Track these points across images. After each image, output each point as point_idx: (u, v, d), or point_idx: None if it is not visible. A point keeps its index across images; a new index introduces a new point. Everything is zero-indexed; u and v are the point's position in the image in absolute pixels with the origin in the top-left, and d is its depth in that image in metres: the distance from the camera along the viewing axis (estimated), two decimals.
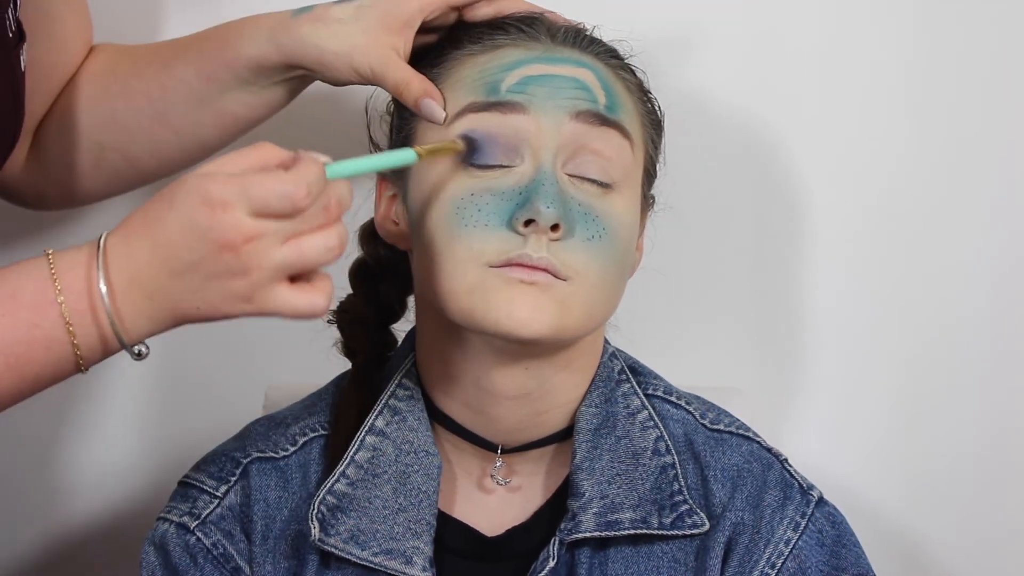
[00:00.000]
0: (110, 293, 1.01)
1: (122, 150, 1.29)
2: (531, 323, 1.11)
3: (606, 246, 1.14)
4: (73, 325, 1.01)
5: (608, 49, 1.21)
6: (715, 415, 1.26)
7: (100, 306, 1.01)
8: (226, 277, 1.01)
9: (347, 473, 1.19)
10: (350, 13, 1.20)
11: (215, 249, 1.00)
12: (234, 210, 0.99)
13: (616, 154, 1.16)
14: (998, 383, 1.59)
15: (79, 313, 1.01)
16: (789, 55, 1.54)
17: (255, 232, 1.00)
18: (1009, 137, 1.55)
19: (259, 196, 0.99)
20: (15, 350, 1.01)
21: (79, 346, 1.02)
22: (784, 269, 1.57)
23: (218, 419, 1.58)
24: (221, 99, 1.26)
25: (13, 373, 1.01)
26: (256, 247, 1.00)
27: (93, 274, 1.01)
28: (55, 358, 1.02)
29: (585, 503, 1.18)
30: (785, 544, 1.19)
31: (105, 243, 1.01)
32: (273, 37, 1.22)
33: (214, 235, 0.99)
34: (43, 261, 1.02)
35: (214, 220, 0.99)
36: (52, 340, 1.01)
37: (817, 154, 1.55)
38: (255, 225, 1.00)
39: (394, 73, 1.17)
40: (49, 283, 1.01)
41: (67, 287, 1.01)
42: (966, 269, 1.57)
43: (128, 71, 1.29)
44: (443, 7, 1.20)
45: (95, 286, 1.01)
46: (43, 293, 1.01)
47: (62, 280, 1.01)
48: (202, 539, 1.20)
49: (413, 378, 1.21)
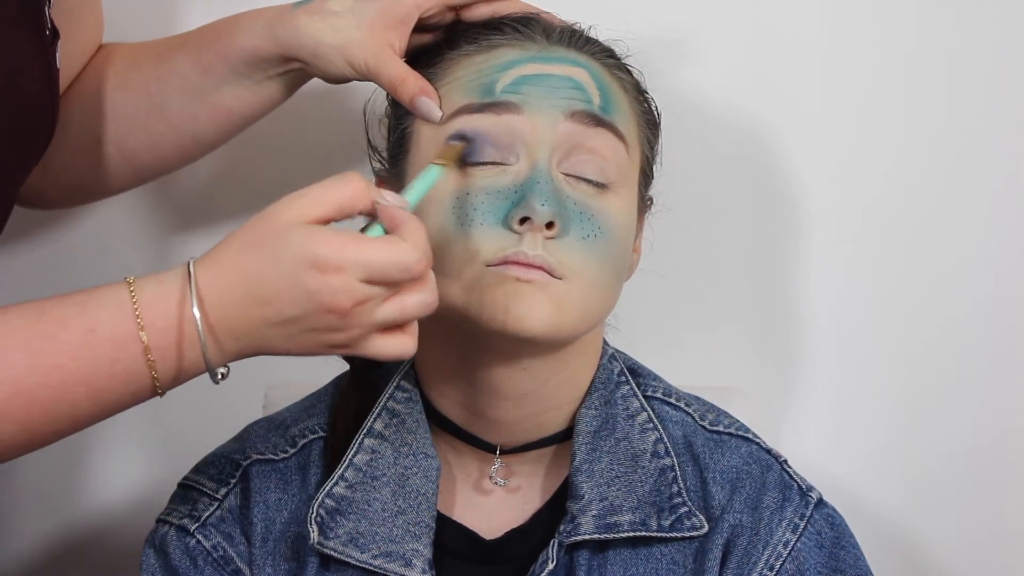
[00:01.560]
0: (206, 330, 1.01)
1: (119, 145, 1.29)
2: (527, 321, 1.11)
3: (602, 245, 1.14)
4: (155, 360, 1.01)
5: (604, 49, 1.21)
6: (714, 416, 1.25)
7: (188, 341, 1.01)
8: (326, 332, 1.02)
9: (346, 476, 1.19)
10: (347, 7, 1.20)
11: (321, 310, 1.01)
12: (346, 275, 1.00)
13: (611, 154, 1.16)
14: (998, 383, 1.58)
15: (162, 349, 1.01)
16: (787, 55, 1.54)
17: (365, 297, 1.01)
18: (1007, 137, 1.55)
19: (378, 267, 1.01)
20: (96, 382, 1.01)
21: (158, 377, 1.02)
22: (783, 269, 1.57)
23: (218, 420, 1.58)
24: (217, 93, 1.26)
25: (92, 403, 1.02)
26: (363, 309, 1.01)
27: (186, 311, 1.01)
28: (134, 388, 1.02)
29: (584, 505, 1.18)
30: (784, 546, 1.19)
31: (196, 277, 1.01)
32: (270, 28, 1.22)
33: (322, 298, 1.00)
34: (123, 290, 1.01)
35: (324, 284, 1.00)
36: (132, 374, 1.01)
37: (816, 154, 1.55)
38: (365, 291, 1.01)
39: (389, 69, 1.17)
40: (131, 317, 1.00)
41: (151, 323, 1.01)
42: (965, 269, 1.57)
43: (127, 65, 1.29)
44: (440, 5, 1.20)
45: (186, 322, 1.01)
46: (124, 328, 1.01)
47: (145, 315, 1.01)
48: (202, 541, 1.20)
49: (411, 380, 1.21)
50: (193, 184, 1.56)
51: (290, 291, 1.01)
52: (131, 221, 1.57)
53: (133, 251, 1.57)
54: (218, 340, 1.02)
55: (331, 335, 1.03)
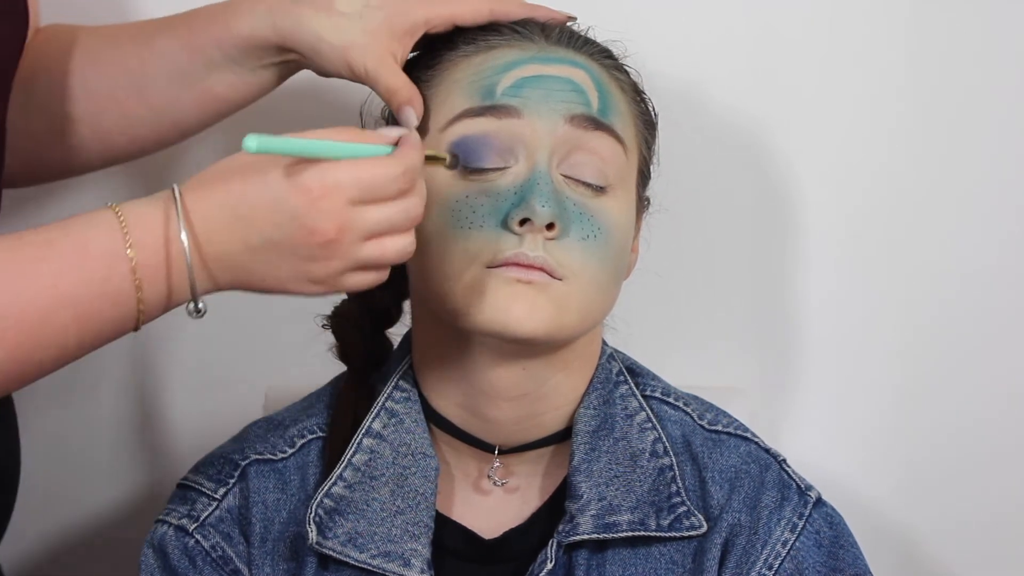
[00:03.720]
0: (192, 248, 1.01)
1: (91, 123, 1.27)
2: (527, 322, 1.11)
3: (601, 245, 1.14)
4: (142, 279, 1.00)
5: (602, 49, 1.21)
6: (713, 416, 1.25)
7: (177, 260, 1.00)
8: (307, 261, 1.02)
9: (344, 476, 1.19)
10: (356, 9, 1.19)
11: (304, 234, 1.01)
12: (333, 198, 1.00)
13: (610, 156, 1.16)
14: (997, 383, 1.59)
15: (150, 268, 1.00)
16: (785, 56, 1.54)
17: (348, 224, 1.01)
18: (1004, 136, 1.55)
19: (365, 180, 1.01)
20: (84, 304, 1.00)
21: (143, 300, 1.01)
22: (781, 269, 1.58)
23: (218, 420, 1.59)
24: (206, 78, 1.24)
25: (80, 327, 1.00)
26: (343, 240, 1.01)
27: (172, 229, 1.00)
28: (119, 313, 1.01)
29: (583, 505, 1.18)
30: (782, 545, 1.19)
31: (183, 198, 1.01)
32: (271, 16, 1.20)
33: (308, 220, 1.00)
34: (109, 213, 1.01)
35: (310, 206, 1.00)
36: (120, 294, 1.00)
37: (813, 154, 1.55)
38: (350, 216, 1.01)
39: (387, 79, 1.17)
40: (119, 236, 1.00)
41: (138, 241, 1.00)
42: (964, 269, 1.57)
43: (104, 42, 1.27)
44: (448, 23, 1.19)
45: (174, 241, 1.00)
46: (113, 245, 1.00)
47: (133, 234, 1.00)
48: (201, 541, 1.20)
49: (410, 380, 1.21)
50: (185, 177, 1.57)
51: (275, 214, 1.00)
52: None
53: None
54: (204, 261, 1.01)
55: (311, 265, 1.02)
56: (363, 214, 1.02)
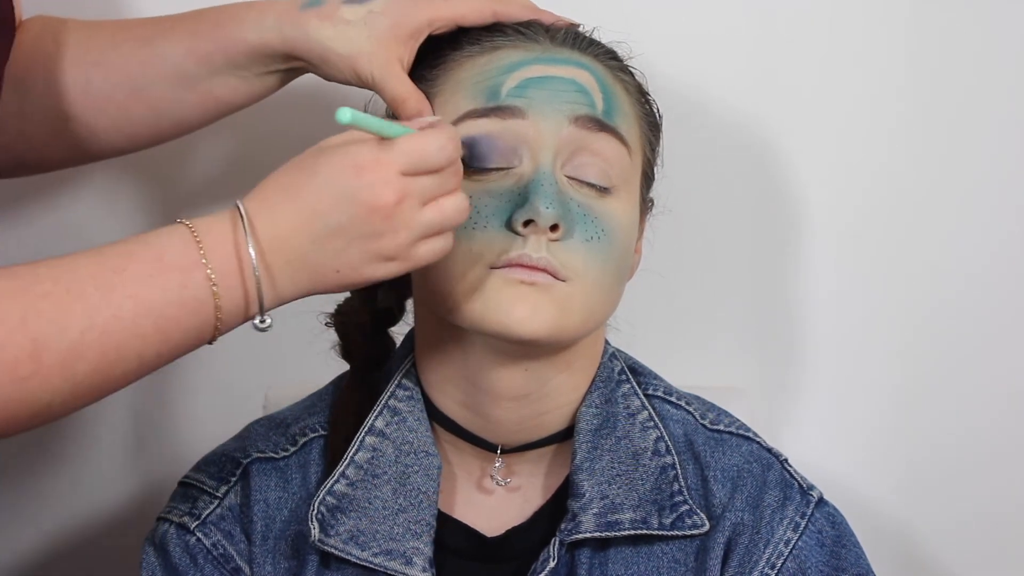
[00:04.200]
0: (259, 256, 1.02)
1: (88, 122, 1.27)
2: (530, 323, 1.11)
3: (605, 247, 1.14)
4: (218, 287, 1.02)
5: (607, 50, 1.21)
6: (715, 415, 1.26)
7: (247, 269, 1.02)
8: (373, 239, 1.04)
9: (347, 474, 1.19)
10: (360, 17, 1.19)
11: (365, 211, 1.03)
12: (385, 169, 1.03)
13: (614, 158, 1.16)
14: (998, 382, 1.59)
15: (226, 275, 1.02)
16: (788, 58, 1.54)
17: (404, 191, 1.03)
18: (1004, 135, 1.55)
19: (415, 152, 1.03)
20: (165, 312, 1.01)
21: (220, 308, 1.02)
22: (783, 270, 1.58)
23: (218, 419, 1.59)
24: (208, 81, 1.24)
25: (161, 336, 1.02)
26: (404, 208, 1.03)
27: (240, 238, 1.02)
28: (198, 322, 1.02)
29: (585, 504, 1.18)
30: (785, 544, 1.19)
31: (246, 209, 1.03)
32: (279, 25, 1.21)
33: (365, 195, 1.02)
34: (182, 227, 1.03)
35: (364, 180, 1.02)
36: (199, 302, 1.02)
37: (815, 156, 1.55)
38: (405, 184, 1.03)
39: (394, 87, 1.17)
40: (193, 247, 1.02)
41: (211, 251, 1.02)
42: (964, 269, 1.57)
43: (104, 44, 1.26)
44: (451, 24, 1.20)
45: (243, 250, 1.02)
46: (188, 256, 1.01)
47: (205, 244, 1.02)
48: (202, 539, 1.20)
49: (412, 379, 1.21)
50: (191, 179, 1.57)
51: (334, 197, 1.02)
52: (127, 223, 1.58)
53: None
54: (270, 265, 1.03)
55: (380, 242, 1.04)
56: (417, 181, 1.04)
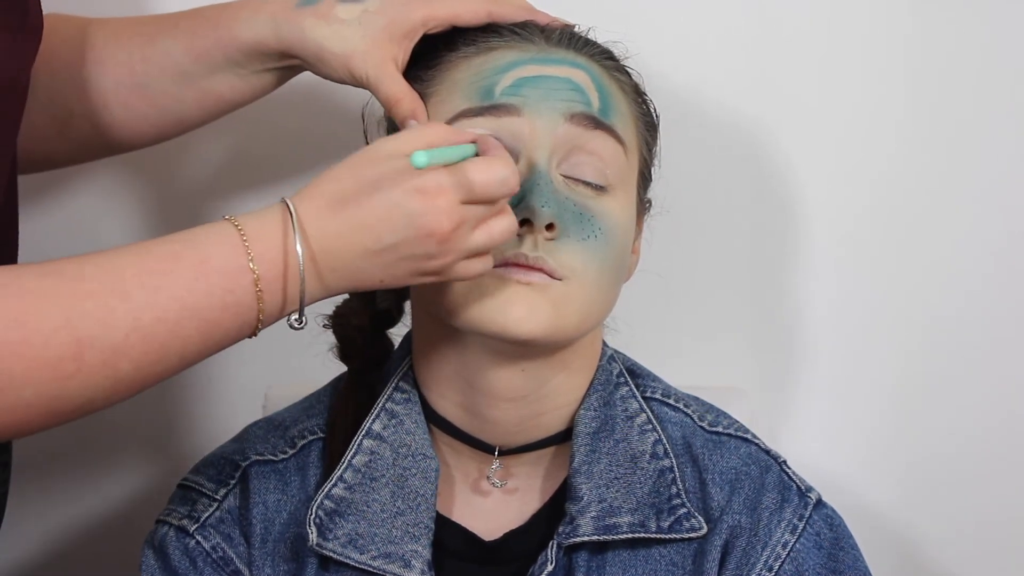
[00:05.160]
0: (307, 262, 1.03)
1: (93, 119, 1.27)
2: (526, 323, 1.11)
3: (601, 246, 1.14)
4: (263, 291, 1.02)
5: (603, 50, 1.21)
6: (713, 417, 1.25)
7: (292, 272, 1.03)
8: (423, 259, 1.05)
9: (344, 477, 1.19)
10: (355, 16, 1.19)
11: (421, 235, 1.03)
12: (449, 197, 1.03)
13: (610, 157, 1.16)
14: (995, 383, 1.59)
15: (270, 280, 1.03)
16: (786, 58, 1.54)
17: (462, 219, 1.04)
18: (1003, 137, 1.55)
19: (479, 183, 1.04)
20: (208, 315, 1.02)
21: (263, 311, 1.03)
22: (782, 269, 1.58)
23: (218, 420, 1.59)
24: (208, 79, 1.25)
25: (203, 337, 1.02)
26: (459, 234, 1.04)
27: (290, 245, 1.02)
28: (240, 323, 1.03)
29: (583, 507, 1.18)
30: (783, 547, 1.19)
31: (296, 209, 1.03)
32: (274, 24, 1.21)
33: (424, 221, 1.03)
34: (229, 226, 1.03)
35: (428, 206, 1.03)
36: (242, 306, 1.02)
37: (813, 156, 1.55)
38: (463, 212, 1.04)
39: (388, 87, 1.17)
40: (241, 249, 1.02)
41: (259, 255, 1.02)
42: (962, 269, 1.57)
43: (108, 41, 1.27)
44: (446, 24, 1.20)
45: (291, 256, 1.02)
46: (235, 259, 1.02)
47: (254, 248, 1.02)
48: (201, 542, 1.20)
49: (410, 381, 1.21)
50: (191, 176, 1.57)
51: (392, 217, 1.03)
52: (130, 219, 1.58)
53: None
54: (319, 271, 1.04)
55: (426, 263, 1.05)
56: (474, 209, 1.05)
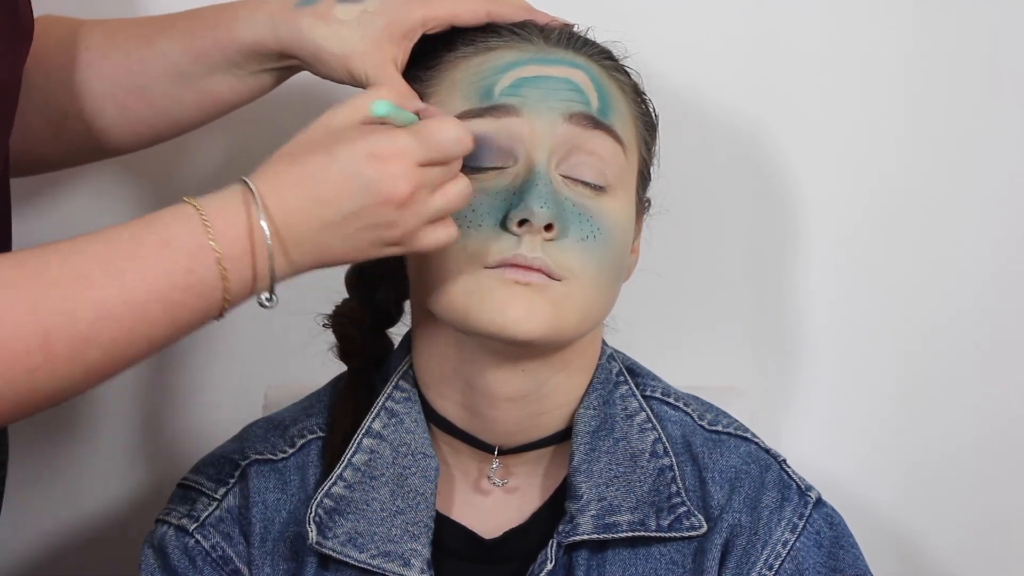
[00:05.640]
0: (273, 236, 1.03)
1: (88, 121, 1.27)
2: (526, 324, 1.11)
3: (600, 246, 1.14)
4: (227, 270, 1.02)
5: (602, 50, 1.20)
6: (713, 416, 1.25)
7: (259, 249, 1.02)
8: (383, 227, 1.05)
9: (344, 476, 1.19)
10: (354, 16, 1.19)
11: (379, 201, 1.03)
12: (404, 161, 1.03)
13: (609, 156, 1.16)
14: (995, 383, 1.59)
15: (233, 258, 1.02)
16: (785, 58, 1.54)
17: (419, 183, 1.04)
18: (1004, 138, 1.55)
19: (434, 142, 1.04)
20: (172, 296, 1.01)
21: (228, 290, 1.03)
22: (782, 270, 1.58)
23: (217, 419, 1.59)
24: (206, 80, 1.25)
25: (170, 319, 1.02)
26: (417, 197, 1.04)
27: (254, 221, 1.02)
28: (205, 304, 1.03)
29: (583, 505, 1.18)
30: (783, 546, 1.19)
31: (257, 187, 1.03)
32: (273, 24, 1.21)
33: (381, 187, 1.03)
34: (188, 208, 1.03)
35: (383, 172, 1.03)
36: (205, 285, 1.02)
37: (813, 155, 1.55)
38: (419, 175, 1.04)
39: (388, 87, 1.17)
40: (201, 229, 1.02)
41: (220, 233, 1.02)
42: (962, 269, 1.57)
43: (104, 43, 1.27)
44: (445, 24, 1.20)
45: (256, 232, 1.02)
46: (196, 239, 1.01)
47: (214, 226, 1.02)
48: (201, 541, 1.20)
49: (410, 380, 1.21)
50: (188, 177, 1.57)
51: (349, 185, 1.03)
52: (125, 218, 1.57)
53: None
54: (284, 247, 1.03)
55: (386, 231, 1.05)
56: (430, 171, 1.05)
